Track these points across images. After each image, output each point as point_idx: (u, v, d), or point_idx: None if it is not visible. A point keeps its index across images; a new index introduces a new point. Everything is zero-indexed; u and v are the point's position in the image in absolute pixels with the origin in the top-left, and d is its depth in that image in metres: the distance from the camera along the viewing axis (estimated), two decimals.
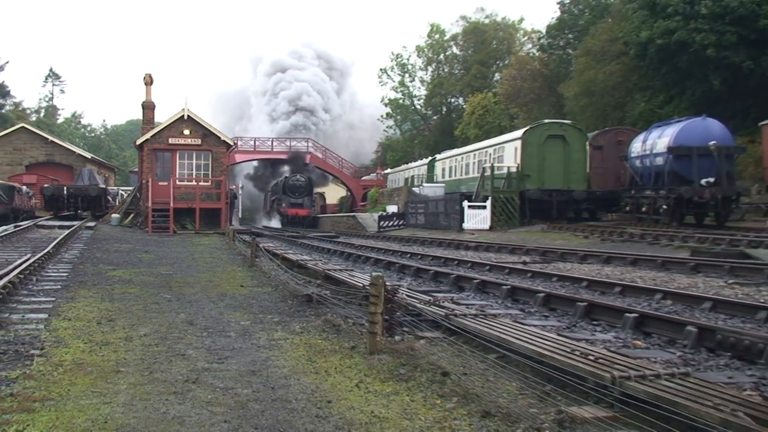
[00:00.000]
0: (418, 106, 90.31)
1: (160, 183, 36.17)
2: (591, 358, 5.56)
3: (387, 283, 7.31)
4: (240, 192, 53.00)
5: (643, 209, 32.19)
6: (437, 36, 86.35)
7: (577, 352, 5.78)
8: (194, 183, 36.86)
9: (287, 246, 26.25)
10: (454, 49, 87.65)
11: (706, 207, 29.54)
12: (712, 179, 28.68)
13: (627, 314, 8.39)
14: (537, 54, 72.64)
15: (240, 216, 54.30)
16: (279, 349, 7.44)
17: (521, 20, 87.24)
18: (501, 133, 53.33)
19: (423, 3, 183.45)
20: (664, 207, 30.05)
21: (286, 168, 72.61)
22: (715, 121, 30.61)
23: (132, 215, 38.27)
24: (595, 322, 8.83)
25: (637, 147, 33.56)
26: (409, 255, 20.80)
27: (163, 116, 43.19)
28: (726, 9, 41.73)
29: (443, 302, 8.75)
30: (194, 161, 37.49)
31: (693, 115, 33.30)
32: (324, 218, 64.13)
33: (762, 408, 4.34)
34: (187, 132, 37.15)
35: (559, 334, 7.27)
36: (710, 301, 9.62)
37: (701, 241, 21.98)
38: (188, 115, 37.32)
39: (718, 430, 4.08)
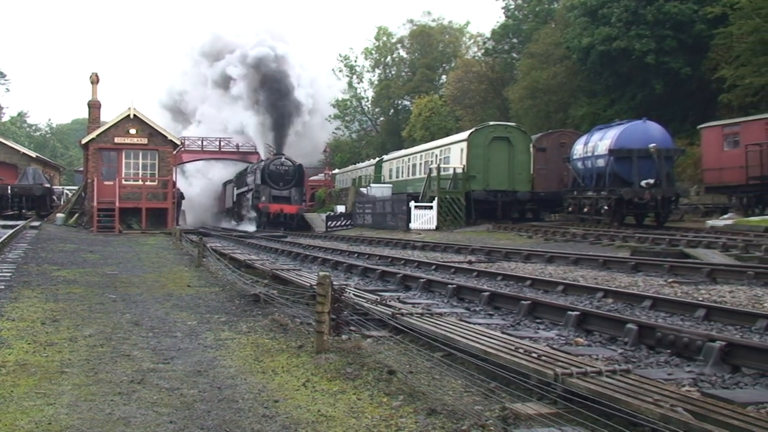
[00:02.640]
0: (366, 108, 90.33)
1: (105, 182, 35.69)
2: (534, 355, 5.67)
3: (334, 283, 7.35)
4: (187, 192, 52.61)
5: (585, 210, 32.67)
6: (384, 38, 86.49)
7: (520, 350, 5.88)
8: (140, 182, 36.42)
9: (235, 246, 26.10)
10: (401, 52, 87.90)
11: (646, 208, 30.12)
12: (651, 181, 29.25)
13: (569, 312, 8.54)
14: (482, 57, 73.20)
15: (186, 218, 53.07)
16: (226, 349, 7.44)
17: (467, 24, 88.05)
18: (447, 134, 53.62)
19: (370, 6, 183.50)
20: (606, 208, 30.56)
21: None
22: (655, 124, 31.25)
23: (77, 215, 37.68)
24: (538, 320, 8.98)
25: (579, 149, 34.06)
26: (356, 255, 20.85)
27: (109, 115, 42.55)
28: (666, 15, 42.61)
29: (390, 301, 8.82)
30: (140, 161, 37.04)
31: (634, 118, 33.94)
32: None
33: (700, 403, 4.47)
34: (133, 131, 36.68)
35: (503, 333, 7.38)
36: (650, 300, 9.83)
37: (641, 241, 22.42)
38: (134, 114, 36.86)
39: (658, 425, 4.20)
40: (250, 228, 48.49)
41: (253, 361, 6.89)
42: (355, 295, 9.08)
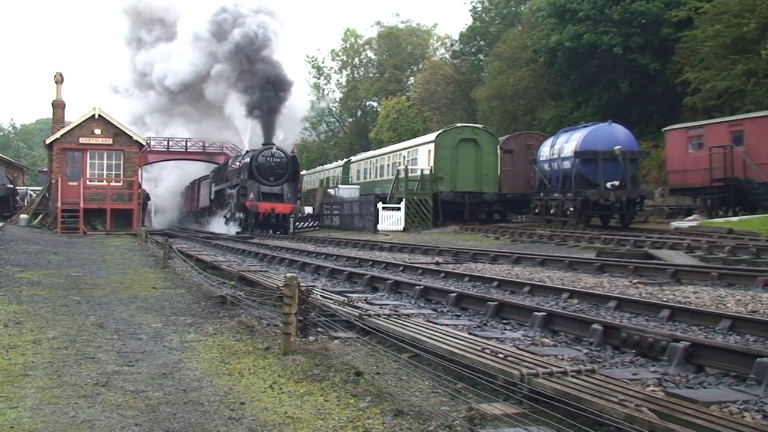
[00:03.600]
0: (334, 109, 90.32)
1: (70, 183, 35.32)
2: (501, 356, 5.69)
3: (301, 284, 7.33)
4: (153, 193, 51.35)
5: (552, 211, 32.92)
6: (352, 40, 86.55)
7: (487, 351, 5.90)
8: (105, 183, 36.09)
9: (201, 247, 25.92)
10: (369, 54, 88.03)
11: (611, 209, 30.41)
12: (617, 182, 29.54)
13: (536, 313, 8.59)
14: (450, 59, 73.52)
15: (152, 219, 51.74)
16: (192, 351, 7.38)
17: (435, 26, 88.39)
18: (415, 136, 53.82)
19: (338, 8, 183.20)
20: (572, 209, 30.81)
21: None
22: (620, 127, 31.58)
23: (41, 216, 37.24)
24: (505, 321, 9.02)
25: (545, 151, 34.31)
26: (324, 256, 20.80)
27: (74, 115, 42.08)
28: (633, 15, 43.04)
29: (357, 303, 8.81)
30: (105, 161, 36.71)
31: (599, 121, 34.26)
32: None
33: (665, 403, 4.51)
34: (98, 131, 36.34)
35: (470, 333, 7.40)
36: (615, 300, 9.91)
37: (607, 242, 22.61)
38: (99, 115, 36.51)
39: (623, 425, 4.23)
40: (233, 230, 42.99)
41: (219, 363, 6.84)
42: (322, 296, 9.06)
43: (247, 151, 45.11)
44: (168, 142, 65.15)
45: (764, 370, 5.66)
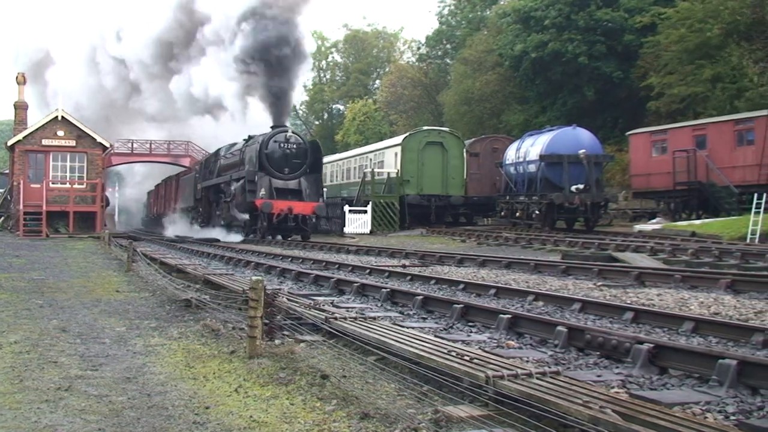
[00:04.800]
0: (300, 111, 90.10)
1: (32, 185, 34.91)
2: (466, 358, 5.70)
3: (267, 287, 7.29)
4: (116, 195, 49.87)
5: (517, 214, 33.14)
6: (319, 43, 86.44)
7: (453, 353, 5.91)
8: (68, 185, 35.71)
9: (166, 250, 25.72)
10: (336, 56, 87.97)
11: (576, 212, 30.68)
12: (581, 186, 29.81)
13: (501, 315, 8.62)
14: (416, 63, 73.73)
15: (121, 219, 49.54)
16: (156, 355, 7.31)
17: (401, 30, 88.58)
18: (381, 139, 53.86)
19: (305, 10, 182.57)
20: (537, 212, 31.03)
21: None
22: (584, 131, 31.89)
23: (2, 218, 36.81)
24: (471, 324, 9.04)
25: (511, 154, 34.53)
26: (290, 259, 20.73)
27: (36, 116, 41.56)
28: (597, 22, 43.51)
29: (323, 306, 8.79)
30: (68, 163, 36.35)
31: (564, 125, 34.53)
32: None
33: (628, 405, 4.54)
34: (61, 133, 35.97)
35: (436, 336, 7.41)
36: (580, 303, 9.97)
37: (572, 245, 22.79)
38: (62, 116, 36.13)
39: (587, 426, 4.26)
40: (233, 237, 34.98)
41: (183, 367, 6.79)
42: (288, 299, 9.02)
43: (250, 137, 35.51)
44: (132, 144, 64.22)
45: (726, 371, 5.72)
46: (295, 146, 33.26)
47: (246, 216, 33.67)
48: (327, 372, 6.28)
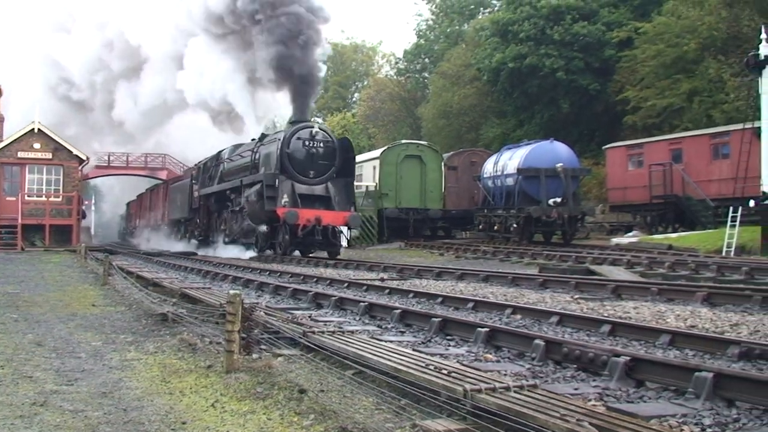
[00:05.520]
0: (278, 124, 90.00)
1: (7, 198, 34.72)
2: (444, 372, 5.70)
3: (245, 301, 7.26)
4: (93, 209, 48.86)
5: (495, 227, 33.23)
6: None
7: (431, 367, 5.91)
8: (44, 198, 35.45)
9: (143, 263, 25.56)
10: None
11: (553, 226, 30.80)
12: (559, 199, 29.95)
13: (479, 329, 8.62)
14: (395, 77, 73.97)
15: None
16: (132, 370, 7.25)
17: (380, 43, 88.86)
18: (360, 152, 53.85)
19: None
20: (515, 225, 31.14)
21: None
22: (562, 145, 32.07)
23: None
24: (449, 337, 9.04)
25: (489, 168, 34.67)
26: (268, 272, 20.64)
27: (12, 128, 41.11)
28: (574, 37, 43.86)
29: (301, 319, 8.76)
30: (44, 176, 36.13)
31: (541, 139, 34.74)
32: None
33: (606, 418, 4.55)
34: (37, 146, 35.78)
35: (414, 350, 7.39)
36: (557, 316, 9.99)
37: (549, 258, 22.88)
38: (39, 129, 35.91)
39: None
40: (243, 253, 30.42)
41: (160, 381, 6.73)
42: (266, 313, 8.98)
43: (263, 135, 31.64)
44: (109, 157, 63.75)
45: (702, 383, 5.75)
46: (322, 145, 27.89)
47: (263, 228, 28.27)
48: (305, 386, 6.26)
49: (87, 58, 53.54)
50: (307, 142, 27.56)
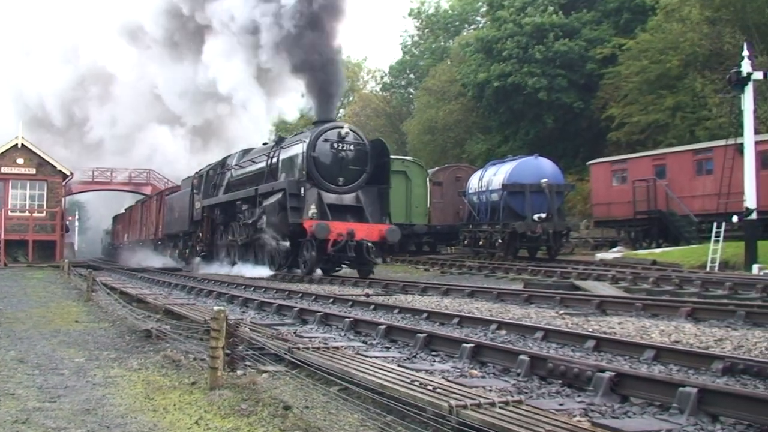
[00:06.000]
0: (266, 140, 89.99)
1: None
2: (430, 388, 5.69)
3: (230, 317, 7.23)
4: (76, 224, 48.57)
5: (480, 243, 33.27)
6: None
7: (416, 383, 5.90)
8: (28, 214, 35.27)
9: (126, 279, 25.43)
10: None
11: (538, 241, 30.86)
12: (543, 215, 30.03)
13: (464, 344, 8.61)
14: (380, 92, 74.18)
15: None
16: (115, 387, 7.20)
17: (365, 59, 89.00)
18: None
19: None
20: (500, 241, 31.18)
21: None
22: (546, 160, 32.20)
23: None
24: (434, 353, 9.02)
25: (474, 183, 34.74)
26: (252, 288, 20.58)
27: None
28: (556, 54, 44.17)
29: (286, 335, 8.73)
30: (28, 191, 35.94)
31: (526, 154, 34.85)
32: None
33: None
34: (21, 161, 35.64)
35: (399, 365, 7.38)
36: (542, 331, 9.99)
37: (534, 273, 22.91)
38: (22, 144, 35.77)
39: None
40: (258, 271, 26.55)
41: (143, 398, 6.69)
42: (250, 329, 8.94)
43: (280, 137, 28.86)
44: (93, 172, 63.40)
45: (686, 399, 5.76)
46: (352, 147, 24.56)
47: (285, 243, 24.69)
48: (289, 403, 6.23)
49: (58, 84, 53.26)
50: (335, 145, 24.25)
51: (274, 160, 26.78)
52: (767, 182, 25.37)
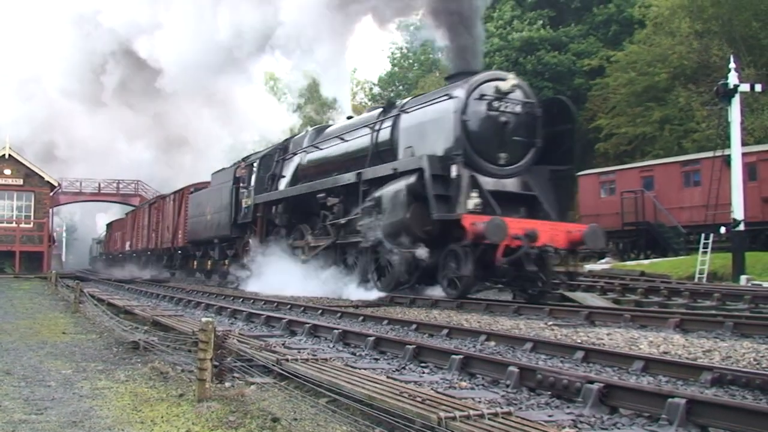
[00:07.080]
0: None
1: None
2: (419, 399, 5.67)
3: (218, 328, 7.20)
4: (64, 236, 48.53)
5: None
6: (272, 83, 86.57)
7: (405, 394, 5.88)
8: (15, 225, 35.12)
9: (114, 291, 25.31)
10: (288, 97, 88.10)
11: None
12: None
13: (453, 356, 8.60)
14: (369, 103, 74.28)
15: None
16: (102, 399, 7.15)
17: (354, 71, 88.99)
18: None
19: None
20: None
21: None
22: None
23: None
24: (423, 364, 9.00)
25: None
26: (241, 299, 20.52)
27: None
28: (545, 66, 44.36)
29: (275, 347, 8.70)
30: (15, 202, 35.82)
31: None
32: None
33: None
34: (8, 172, 35.53)
35: (388, 377, 7.36)
36: (531, 342, 10.00)
37: None
38: (10, 154, 35.66)
39: None
40: (354, 291, 19.76)
41: (131, 410, 6.64)
42: (239, 340, 8.91)
43: (390, 102, 22.65)
44: (81, 184, 63.21)
45: (675, 410, 5.77)
46: (519, 109, 17.18)
47: (421, 251, 16.92)
48: (278, 415, 6.20)
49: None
50: (495, 105, 16.88)
51: (386, 132, 19.43)
52: (754, 194, 25.52)
